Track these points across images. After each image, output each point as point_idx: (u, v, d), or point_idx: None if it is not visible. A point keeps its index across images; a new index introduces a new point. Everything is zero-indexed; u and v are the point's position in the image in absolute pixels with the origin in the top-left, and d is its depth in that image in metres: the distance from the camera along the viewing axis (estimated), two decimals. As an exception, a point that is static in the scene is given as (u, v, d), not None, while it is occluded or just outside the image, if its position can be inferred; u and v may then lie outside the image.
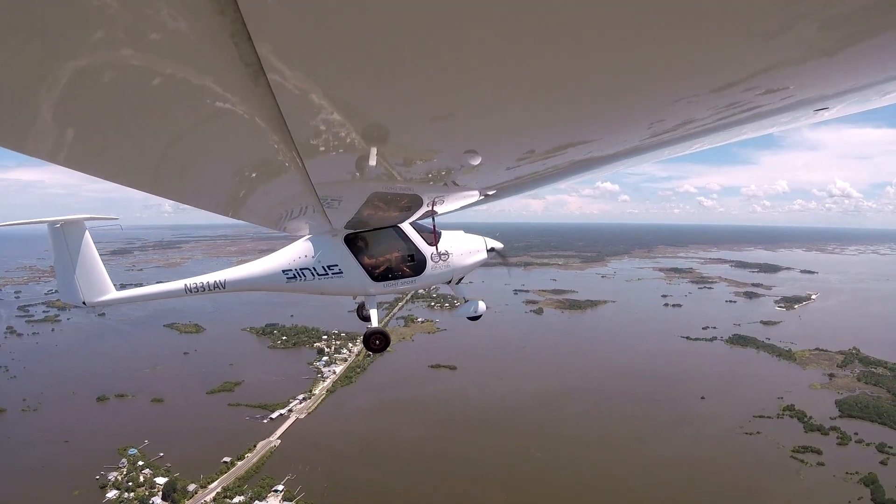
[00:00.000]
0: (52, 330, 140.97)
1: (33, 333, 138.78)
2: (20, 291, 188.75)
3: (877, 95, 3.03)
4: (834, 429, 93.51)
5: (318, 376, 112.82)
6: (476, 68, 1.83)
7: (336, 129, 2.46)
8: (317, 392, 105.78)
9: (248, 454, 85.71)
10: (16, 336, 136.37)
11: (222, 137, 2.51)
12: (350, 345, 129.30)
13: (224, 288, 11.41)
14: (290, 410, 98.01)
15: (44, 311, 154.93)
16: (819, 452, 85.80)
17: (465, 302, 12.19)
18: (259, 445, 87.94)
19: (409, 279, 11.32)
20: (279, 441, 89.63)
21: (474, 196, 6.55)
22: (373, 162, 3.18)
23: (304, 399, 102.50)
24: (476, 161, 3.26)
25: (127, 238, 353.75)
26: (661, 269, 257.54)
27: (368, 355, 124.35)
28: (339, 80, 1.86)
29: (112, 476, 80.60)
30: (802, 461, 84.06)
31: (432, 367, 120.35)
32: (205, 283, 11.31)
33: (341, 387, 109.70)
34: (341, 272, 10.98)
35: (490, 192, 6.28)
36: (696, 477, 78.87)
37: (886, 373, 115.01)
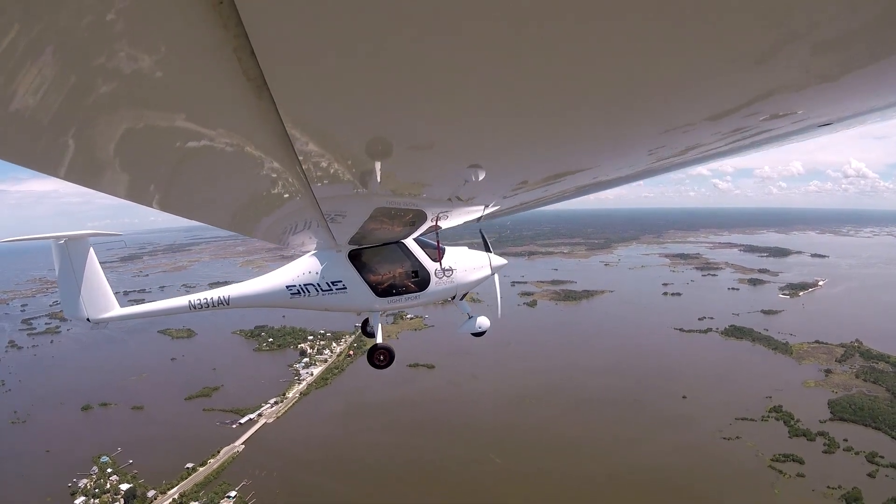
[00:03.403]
0: (52, 342, 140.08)
1: (33, 346, 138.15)
2: (26, 304, 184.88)
3: None
4: (822, 434, 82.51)
5: (295, 379, 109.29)
6: (482, 85, 1.78)
7: (340, 144, 2.45)
8: (290, 395, 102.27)
9: (211, 460, 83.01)
10: (16, 350, 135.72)
11: (225, 152, 2.38)
12: (333, 345, 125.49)
13: (228, 304, 10.95)
14: (260, 415, 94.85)
15: (46, 324, 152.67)
16: (801, 462, 75.48)
17: (469, 318, 11.63)
18: (223, 451, 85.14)
19: (413, 295, 10.97)
20: (243, 446, 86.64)
21: (479, 211, 6.40)
22: (377, 177, 3.08)
23: (276, 403, 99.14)
24: (480, 177, 3.16)
25: (139, 243, 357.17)
26: (667, 256, 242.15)
27: (349, 355, 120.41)
28: (344, 94, 1.79)
29: (82, 483, 79.81)
30: (780, 472, 74.05)
31: (410, 366, 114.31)
32: (209, 299, 10.86)
33: (316, 389, 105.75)
34: (345, 288, 10.64)
35: (495, 208, 6.18)
36: (660, 490, 70.44)
37: (888, 368, 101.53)
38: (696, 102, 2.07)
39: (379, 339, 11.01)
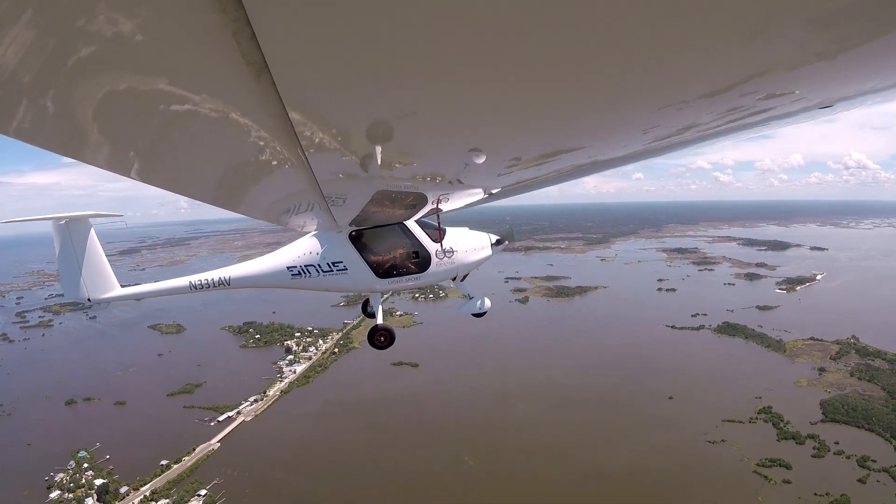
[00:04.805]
0: (43, 335, 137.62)
1: (24, 339, 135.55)
2: (22, 297, 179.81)
3: None
4: (812, 436, 76.81)
5: (278, 376, 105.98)
6: (479, 68, 1.75)
7: (340, 127, 2.45)
8: (271, 393, 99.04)
9: (186, 457, 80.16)
10: (8, 343, 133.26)
11: (225, 134, 2.38)
12: (319, 342, 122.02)
13: (229, 285, 10.64)
14: (239, 412, 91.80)
15: (39, 317, 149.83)
16: (788, 467, 70.08)
17: (470, 299, 11.55)
18: (199, 448, 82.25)
19: (414, 276, 10.76)
20: (218, 444, 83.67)
21: (479, 194, 6.30)
22: (378, 160, 3.05)
23: (256, 401, 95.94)
24: (480, 160, 3.15)
25: (139, 237, 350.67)
26: (664, 250, 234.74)
27: (333, 353, 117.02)
28: (343, 77, 1.75)
29: (59, 477, 77.68)
30: (766, 478, 68.73)
31: (394, 364, 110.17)
32: (209, 279, 10.58)
33: (297, 387, 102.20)
34: (346, 269, 10.39)
35: (495, 191, 6.10)
36: (635, 496, 65.77)
37: (884, 366, 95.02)
38: (690, 79, 1.97)
39: (379, 320, 10.77)
